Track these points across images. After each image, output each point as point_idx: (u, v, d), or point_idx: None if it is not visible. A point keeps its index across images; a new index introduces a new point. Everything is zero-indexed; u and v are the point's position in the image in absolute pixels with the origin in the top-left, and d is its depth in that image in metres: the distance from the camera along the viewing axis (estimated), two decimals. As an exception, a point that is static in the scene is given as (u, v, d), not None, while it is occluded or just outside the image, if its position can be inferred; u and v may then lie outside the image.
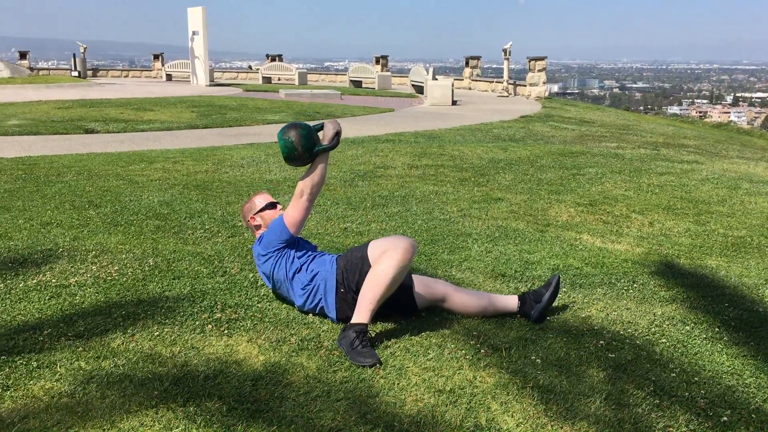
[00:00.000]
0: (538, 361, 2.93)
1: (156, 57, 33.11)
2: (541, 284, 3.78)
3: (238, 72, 34.48)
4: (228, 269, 3.92)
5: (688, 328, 3.32)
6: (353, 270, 3.17)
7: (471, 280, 3.87)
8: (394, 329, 3.21)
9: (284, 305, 3.43)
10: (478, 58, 26.57)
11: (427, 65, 25.10)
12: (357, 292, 3.13)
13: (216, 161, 7.70)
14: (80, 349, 2.88)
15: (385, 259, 3.05)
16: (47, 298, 3.42)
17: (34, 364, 2.73)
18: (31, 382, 2.60)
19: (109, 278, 3.72)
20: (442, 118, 14.17)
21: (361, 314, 3.01)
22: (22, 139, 9.80)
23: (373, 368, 2.81)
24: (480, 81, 25.85)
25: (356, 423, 2.41)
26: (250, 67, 35.75)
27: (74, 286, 3.60)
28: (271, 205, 3.45)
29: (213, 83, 25.77)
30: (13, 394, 2.52)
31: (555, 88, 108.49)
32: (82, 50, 31.27)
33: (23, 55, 31.89)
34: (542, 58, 21.16)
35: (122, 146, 9.15)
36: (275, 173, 7.04)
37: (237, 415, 2.42)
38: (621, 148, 9.97)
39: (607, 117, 16.54)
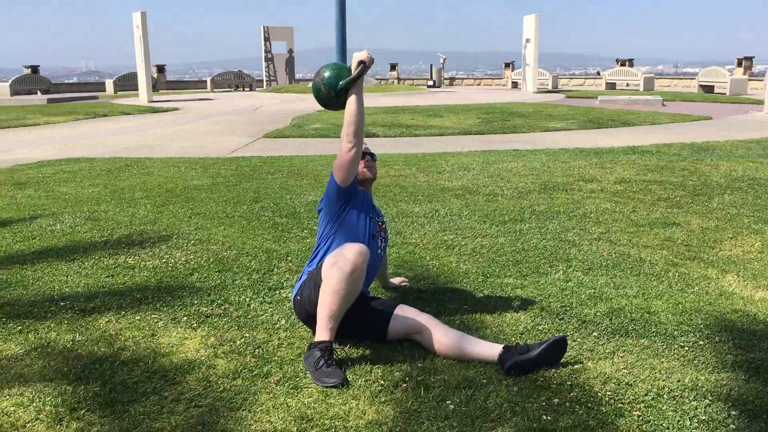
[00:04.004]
0: (452, 407, 2.51)
1: (507, 65, 34.10)
2: (577, 327, 3.16)
3: (585, 78, 33.86)
4: (275, 268, 4.04)
5: (697, 404, 2.51)
6: (313, 281, 3.06)
7: (497, 306, 3.40)
8: (346, 351, 3.02)
9: (278, 308, 3.44)
10: None
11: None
12: (311, 303, 3.02)
13: (422, 166, 7.79)
14: (66, 322, 3.28)
15: (334, 272, 2.90)
16: (105, 276, 3.94)
17: (18, 328, 3.20)
18: (-2, 344, 3.07)
19: (171, 265, 4.12)
20: (759, 128, 12.17)
21: (322, 332, 2.88)
22: (304, 141, 11.06)
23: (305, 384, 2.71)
24: None
25: (181, 433, 2.37)
26: (598, 73, 34.75)
27: (138, 269, 4.07)
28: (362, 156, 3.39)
29: (552, 89, 25.81)
30: (-24, 351, 3.00)
31: None
32: (441, 61, 33.76)
33: (393, 67, 35.47)
34: None
35: (375, 149, 9.74)
36: (455, 181, 6.87)
37: (99, 401, 2.54)
38: None
39: None
